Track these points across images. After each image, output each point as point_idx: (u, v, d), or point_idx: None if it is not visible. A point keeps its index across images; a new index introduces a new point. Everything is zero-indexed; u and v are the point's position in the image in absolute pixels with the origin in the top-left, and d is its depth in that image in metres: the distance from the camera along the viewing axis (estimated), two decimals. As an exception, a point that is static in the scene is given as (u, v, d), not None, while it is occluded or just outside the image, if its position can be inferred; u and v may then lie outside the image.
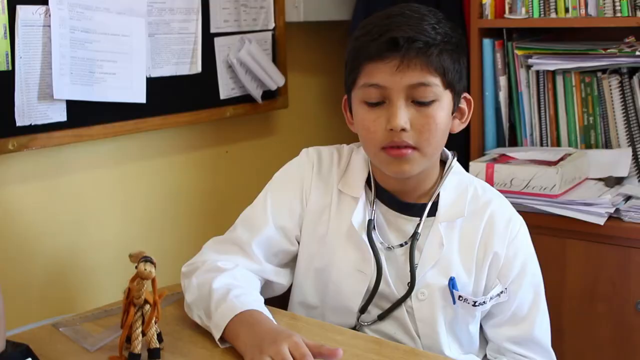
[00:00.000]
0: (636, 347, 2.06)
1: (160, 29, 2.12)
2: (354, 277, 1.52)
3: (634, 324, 2.05)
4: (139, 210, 2.19)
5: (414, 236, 1.50)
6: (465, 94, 1.52)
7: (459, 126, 1.53)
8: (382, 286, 1.50)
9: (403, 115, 1.40)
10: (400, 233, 1.53)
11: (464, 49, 1.49)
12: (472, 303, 1.49)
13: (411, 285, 1.49)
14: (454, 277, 1.48)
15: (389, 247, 1.52)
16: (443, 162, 1.57)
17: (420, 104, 1.42)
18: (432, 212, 1.52)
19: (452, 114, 1.49)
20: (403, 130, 1.41)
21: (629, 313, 2.05)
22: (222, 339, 1.39)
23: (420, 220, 1.51)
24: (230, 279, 1.48)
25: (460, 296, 1.48)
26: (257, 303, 1.44)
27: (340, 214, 1.55)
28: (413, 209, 1.53)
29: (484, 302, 1.50)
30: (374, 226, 1.52)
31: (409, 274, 1.49)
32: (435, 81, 1.42)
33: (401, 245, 1.51)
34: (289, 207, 1.57)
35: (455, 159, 1.57)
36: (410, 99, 1.42)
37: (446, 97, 1.44)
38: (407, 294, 1.49)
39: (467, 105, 1.53)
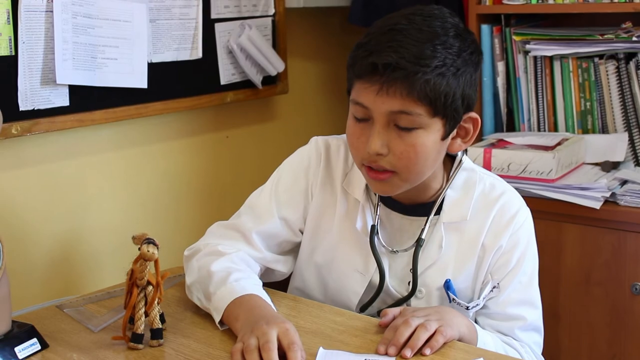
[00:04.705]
0: (631, 329, 2.08)
1: (162, 15, 2.13)
2: (354, 278, 1.53)
3: (629, 306, 2.07)
4: (140, 194, 2.21)
5: (418, 242, 1.49)
6: (471, 114, 1.44)
7: (460, 146, 1.47)
8: (384, 288, 1.51)
9: (379, 141, 1.37)
10: (405, 234, 1.52)
11: (473, 66, 1.40)
12: (465, 307, 1.48)
13: (412, 287, 1.49)
14: (449, 280, 1.48)
15: (393, 251, 1.52)
16: (453, 158, 1.54)
17: (402, 128, 1.37)
18: (439, 210, 1.50)
19: (446, 137, 1.41)
20: (380, 154, 1.38)
21: (624, 296, 2.07)
22: (221, 321, 1.41)
23: (426, 222, 1.50)
24: (229, 263, 1.49)
25: (453, 299, 1.48)
26: (256, 287, 1.46)
27: (344, 213, 1.55)
28: (417, 210, 1.52)
29: (477, 304, 1.49)
30: (377, 230, 1.52)
31: (411, 274, 1.49)
32: (419, 110, 1.35)
33: (405, 250, 1.51)
34: (295, 200, 1.57)
35: (466, 154, 1.54)
36: (392, 123, 1.37)
37: (434, 125, 1.38)
38: (409, 296, 1.49)
39: (473, 125, 1.45)
